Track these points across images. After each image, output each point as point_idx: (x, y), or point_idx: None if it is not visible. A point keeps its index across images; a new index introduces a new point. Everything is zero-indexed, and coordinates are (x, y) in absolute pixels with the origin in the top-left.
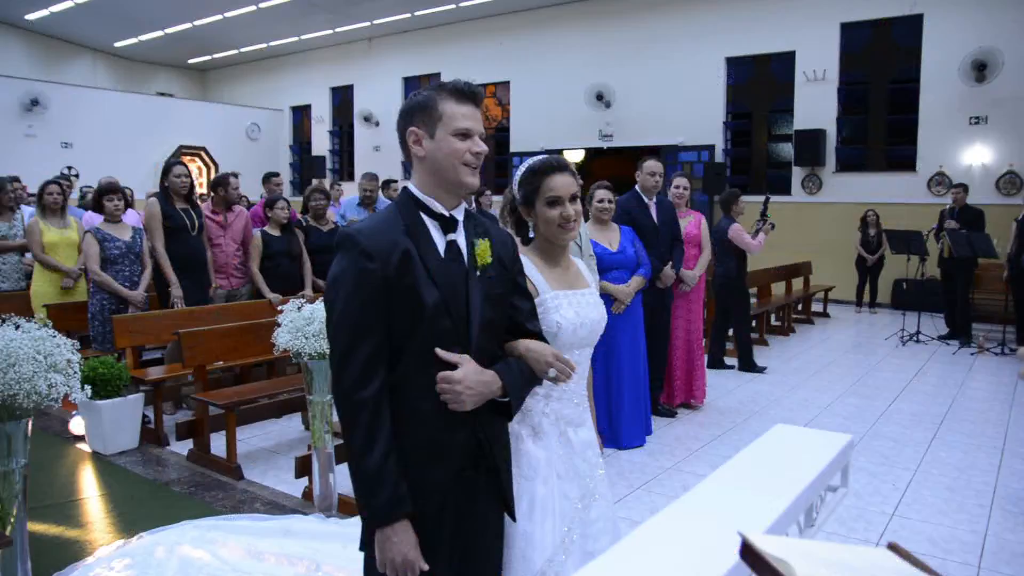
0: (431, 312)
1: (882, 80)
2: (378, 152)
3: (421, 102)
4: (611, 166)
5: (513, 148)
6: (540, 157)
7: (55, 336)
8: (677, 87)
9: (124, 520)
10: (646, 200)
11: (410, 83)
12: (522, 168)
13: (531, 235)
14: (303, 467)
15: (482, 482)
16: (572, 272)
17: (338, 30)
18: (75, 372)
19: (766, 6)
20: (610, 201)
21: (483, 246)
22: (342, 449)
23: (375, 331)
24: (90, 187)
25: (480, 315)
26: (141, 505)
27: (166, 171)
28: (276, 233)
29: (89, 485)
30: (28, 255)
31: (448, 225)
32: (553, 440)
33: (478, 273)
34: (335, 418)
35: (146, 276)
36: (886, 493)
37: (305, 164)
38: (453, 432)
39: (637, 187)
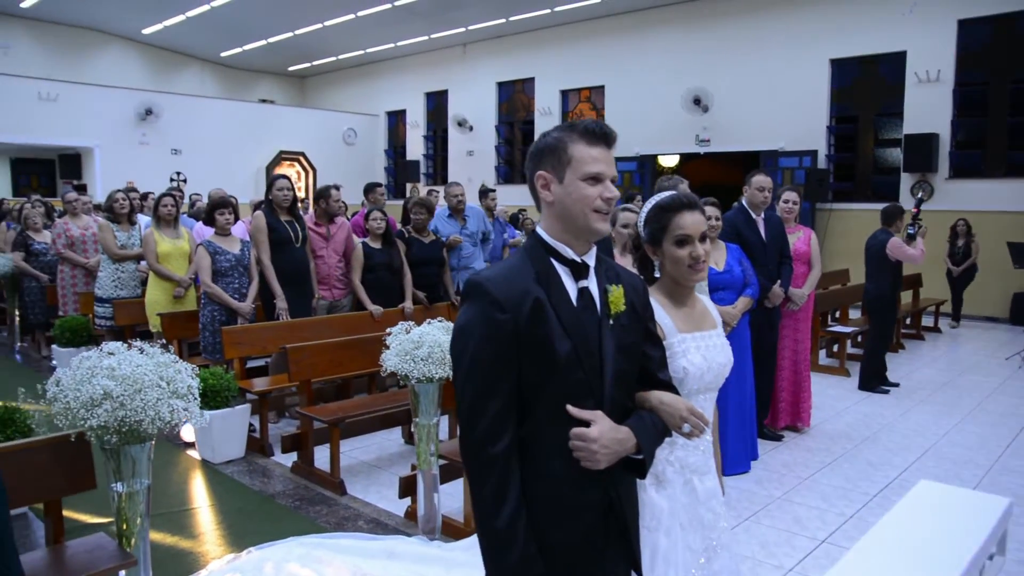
0: (564, 364)
1: (1003, 80)
2: (471, 156)
3: (550, 144)
4: (705, 170)
5: None
6: (668, 193)
7: (176, 361)
8: (778, 90)
9: (233, 532)
10: (753, 216)
11: (504, 88)
12: (649, 204)
13: (656, 274)
14: (407, 487)
15: (611, 540)
16: (699, 311)
17: (433, 36)
18: (195, 398)
19: (875, 5)
20: (717, 219)
21: (616, 293)
22: (447, 470)
23: (505, 384)
24: (199, 195)
25: (613, 366)
26: (249, 518)
27: (270, 185)
28: (377, 246)
29: (200, 495)
30: (143, 263)
31: (579, 271)
32: (678, 489)
33: (611, 321)
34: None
35: (253, 288)
36: None
37: (399, 168)
38: (584, 491)
39: (744, 202)
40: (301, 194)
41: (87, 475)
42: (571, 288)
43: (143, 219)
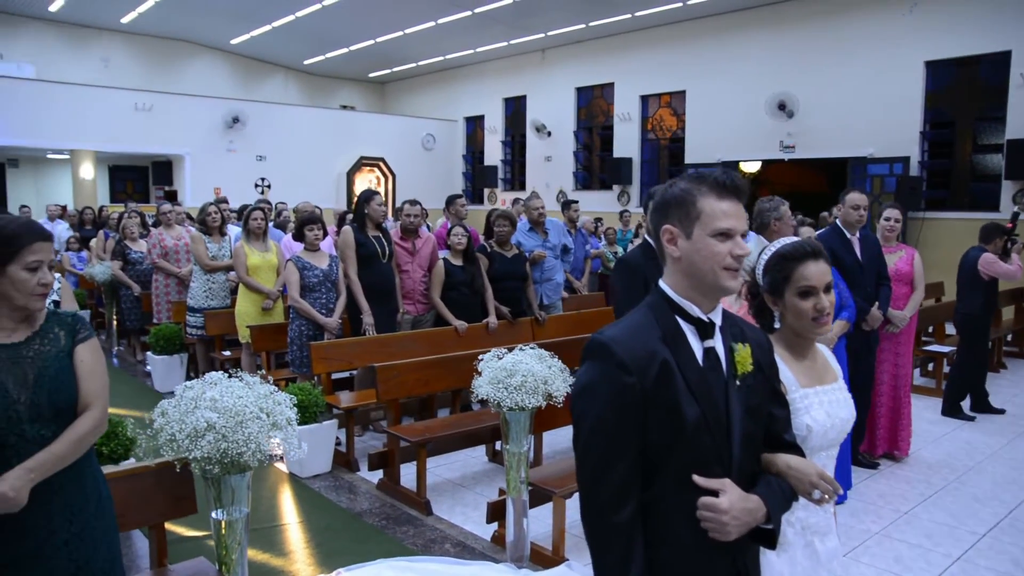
0: (691, 429)
1: None
2: (549, 162)
3: (677, 197)
4: (788, 175)
5: (688, 159)
6: (792, 241)
7: (274, 392)
8: (868, 95)
9: (322, 551)
10: (848, 236)
11: (582, 93)
12: (769, 252)
13: (776, 324)
14: (495, 513)
15: None
16: (820, 363)
17: (512, 42)
18: (294, 429)
19: (974, 4)
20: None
21: (743, 353)
22: (535, 494)
23: (630, 450)
24: (284, 203)
25: (741, 430)
26: (336, 536)
27: (366, 200)
28: (458, 263)
29: (289, 511)
30: (232, 273)
31: (705, 330)
32: (798, 552)
33: (738, 382)
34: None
35: (340, 303)
36: None
37: (477, 174)
38: (712, 562)
39: (838, 221)
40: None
41: (188, 500)
42: (697, 348)
43: (233, 230)
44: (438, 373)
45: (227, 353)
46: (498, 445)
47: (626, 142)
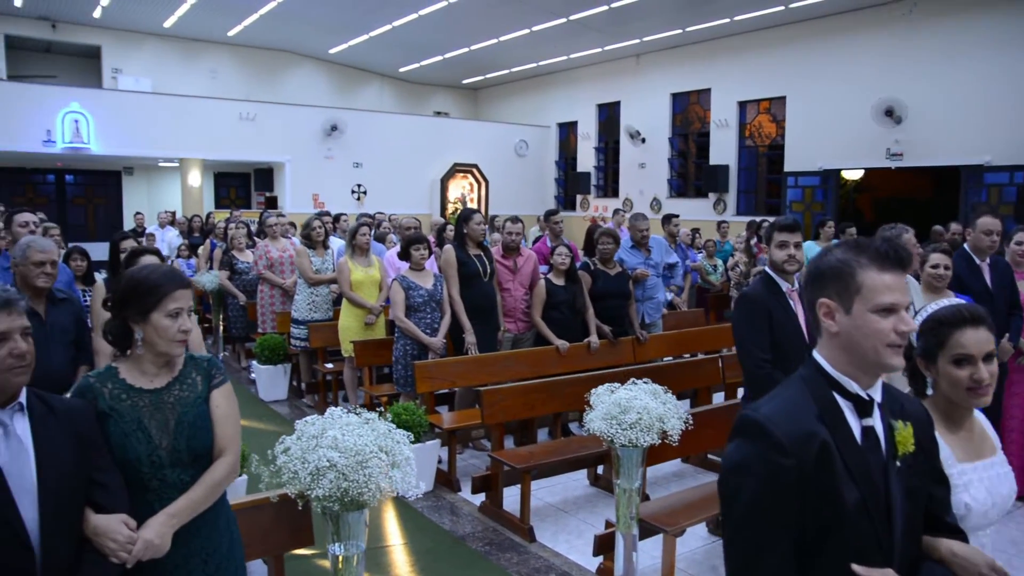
0: (850, 514)
1: None
2: (643, 169)
3: (835, 268)
4: (893, 183)
5: (787, 167)
6: (951, 304)
7: (392, 430)
8: (984, 98)
9: (426, 575)
10: (978, 262)
11: (678, 99)
12: (925, 314)
13: (928, 390)
14: (602, 546)
15: None
16: (977, 434)
17: (606, 48)
18: (413, 469)
19: None
20: (946, 267)
21: (904, 433)
22: (645, 527)
23: (785, 536)
24: (383, 213)
25: (902, 514)
26: (439, 559)
27: (465, 218)
28: (560, 283)
29: (393, 531)
30: (334, 285)
31: (865, 408)
32: None
33: (898, 463)
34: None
35: (445, 323)
36: None
37: (570, 180)
38: None
39: (967, 246)
40: (473, 204)
41: (306, 532)
42: (855, 426)
43: (335, 243)
44: (542, 397)
45: (330, 366)
46: (599, 469)
47: (723, 149)
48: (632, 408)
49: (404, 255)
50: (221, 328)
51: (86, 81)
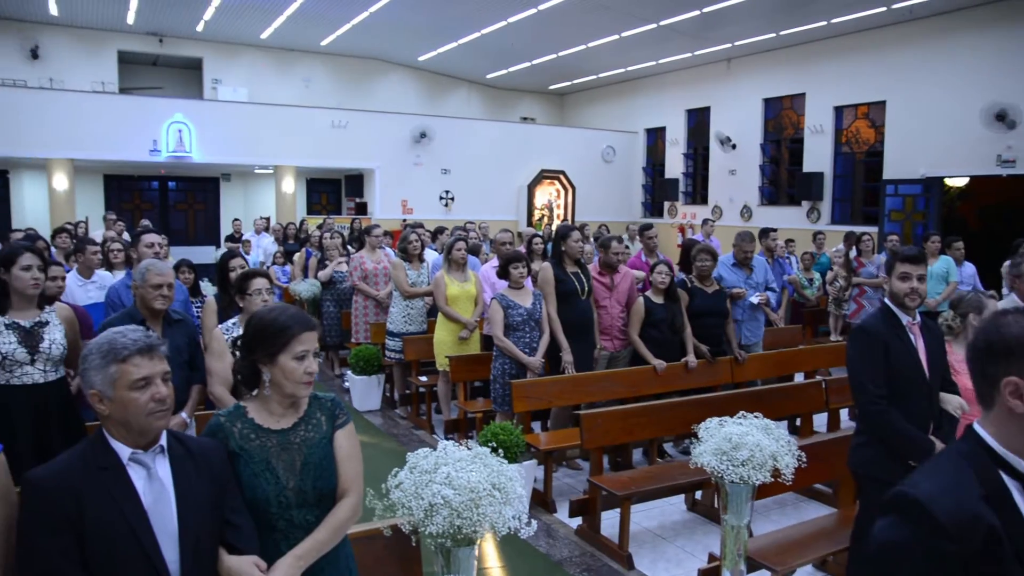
0: None
1: None
2: (733, 176)
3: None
4: (1000, 190)
5: (887, 175)
6: None
7: (503, 464)
8: None
9: None
10: None
11: (770, 104)
12: None
13: None
14: None
15: None
16: None
17: (697, 53)
18: (525, 507)
19: None
20: None
21: None
22: (752, 563)
23: None
24: (471, 223)
25: None
26: None
27: (564, 236)
28: (659, 300)
29: (490, 553)
30: (428, 297)
31: None
32: None
33: None
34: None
35: (544, 342)
36: None
37: (657, 187)
38: None
39: None
40: (559, 211)
41: (416, 564)
42: None
43: (430, 255)
44: (641, 422)
45: (424, 379)
46: (698, 494)
47: (817, 155)
48: (744, 445)
49: (503, 273)
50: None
51: (188, 92)
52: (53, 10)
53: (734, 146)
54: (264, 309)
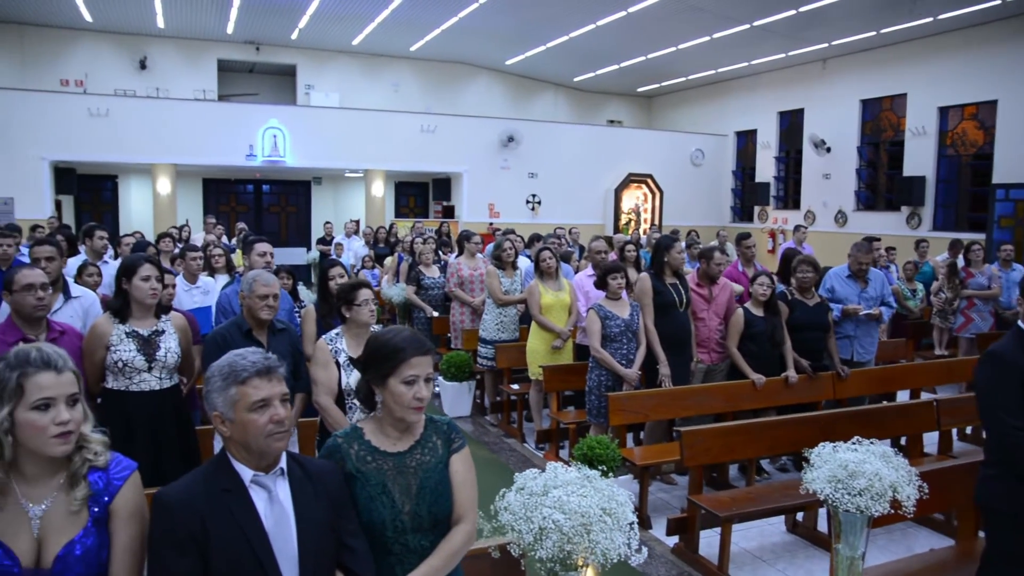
0: None
1: None
2: (828, 180)
3: None
4: None
5: (996, 179)
6: None
7: (612, 487)
8: None
9: None
10: None
11: (868, 105)
12: None
13: None
14: None
15: None
16: None
17: (791, 53)
18: (636, 533)
19: None
20: None
21: None
22: None
23: None
24: (562, 228)
25: None
26: None
27: (666, 247)
28: (759, 313)
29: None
30: (520, 305)
31: None
32: None
33: None
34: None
35: (640, 354)
36: None
37: (747, 191)
38: None
39: None
40: (646, 215)
41: None
42: None
43: (523, 262)
44: (743, 440)
45: (515, 387)
46: (799, 515)
47: (919, 159)
48: (861, 474)
49: (601, 284)
50: None
51: (282, 98)
52: (160, 23)
53: (829, 149)
54: (382, 330)
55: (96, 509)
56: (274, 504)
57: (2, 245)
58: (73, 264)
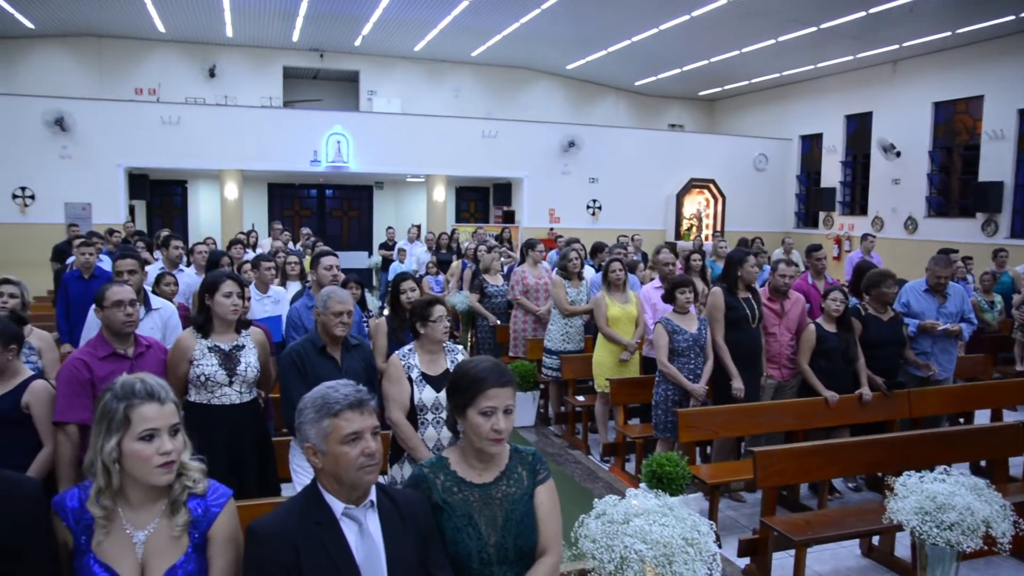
0: None
1: None
2: (897, 185)
3: None
4: None
5: None
6: None
7: (693, 516)
8: None
9: None
10: None
11: (941, 108)
12: None
13: None
14: None
15: None
16: None
17: (859, 55)
18: (719, 565)
19: None
20: None
21: None
22: None
23: None
24: (625, 236)
25: None
26: None
27: (739, 261)
28: (832, 329)
29: None
30: (586, 315)
31: None
32: None
33: None
34: None
35: (708, 369)
36: None
37: (812, 196)
38: None
39: None
40: (708, 220)
41: None
42: None
43: (588, 272)
44: (818, 462)
45: (581, 398)
46: (875, 540)
47: (996, 163)
48: (952, 507)
49: (669, 298)
50: (469, 346)
51: (345, 103)
52: (229, 32)
53: (899, 153)
54: (467, 359)
55: (196, 535)
56: (365, 537)
57: (85, 253)
58: (151, 272)
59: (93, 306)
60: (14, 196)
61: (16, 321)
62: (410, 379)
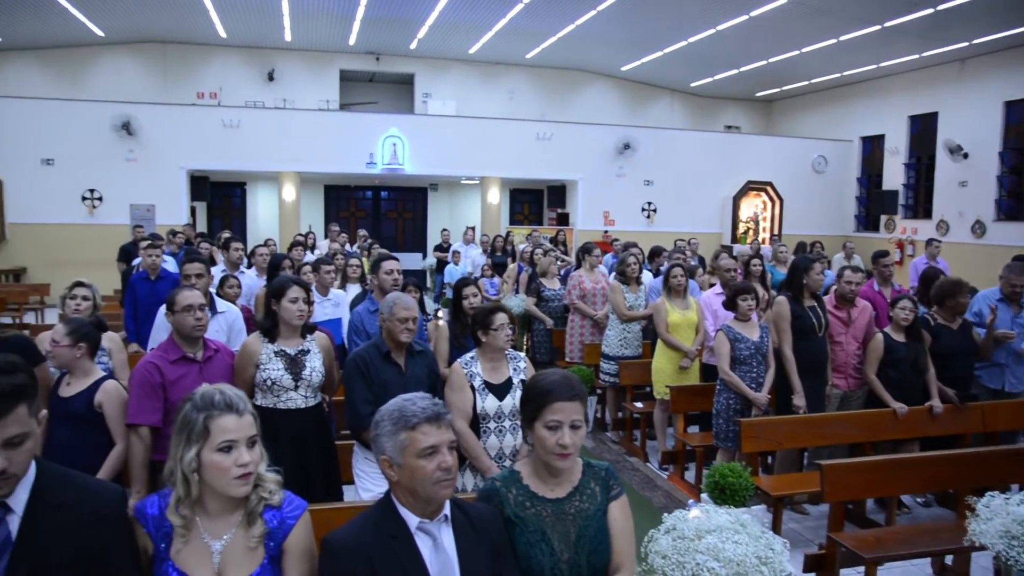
0: None
1: None
2: (964, 188)
3: None
4: None
5: None
6: None
7: (766, 533)
8: None
9: None
10: None
11: (1013, 108)
12: None
13: None
14: None
15: None
16: None
17: (924, 54)
18: None
19: None
20: None
21: None
22: None
23: None
24: (683, 241)
25: None
26: None
27: (805, 268)
28: (900, 339)
29: None
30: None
31: None
32: None
33: None
34: None
35: (770, 377)
36: None
37: (873, 199)
38: None
39: None
40: (765, 223)
41: None
42: None
43: (647, 277)
44: (887, 477)
45: (639, 404)
46: (948, 559)
47: None
48: None
49: (731, 305)
50: (525, 350)
51: (400, 106)
52: (287, 36)
53: (966, 155)
54: (539, 372)
55: (271, 546)
56: (439, 552)
57: (151, 255)
58: (215, 275)
59: (163, 308)
60: (83, 198)
61: (97, 326)
62: (472, 387)
